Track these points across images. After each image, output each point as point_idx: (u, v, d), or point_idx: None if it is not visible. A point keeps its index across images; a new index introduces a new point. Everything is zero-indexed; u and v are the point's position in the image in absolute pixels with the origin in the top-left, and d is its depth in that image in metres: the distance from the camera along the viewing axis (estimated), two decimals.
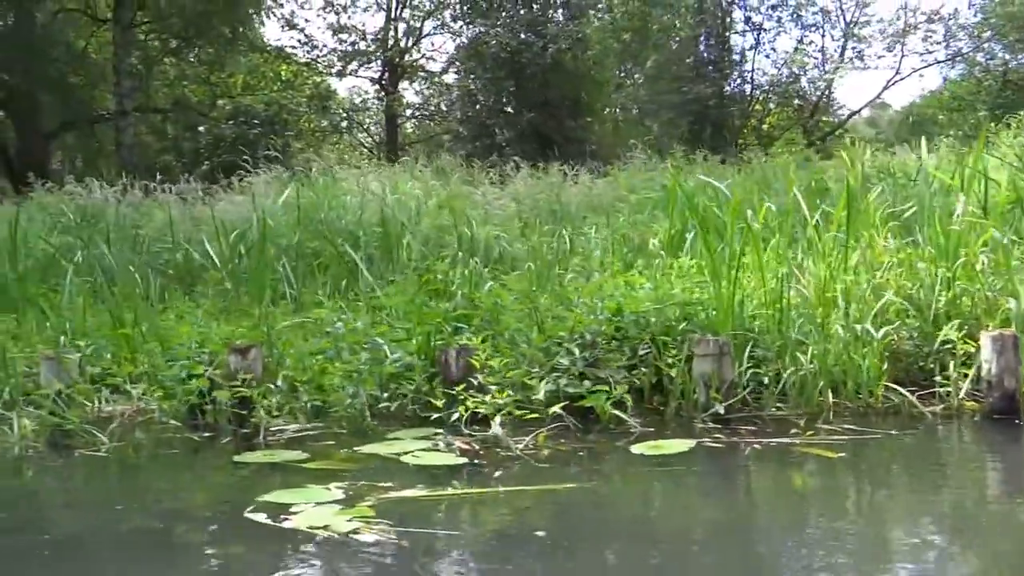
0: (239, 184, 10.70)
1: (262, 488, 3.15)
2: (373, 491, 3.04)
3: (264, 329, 4.81)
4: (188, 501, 3.52)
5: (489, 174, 10.79)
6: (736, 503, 3.35)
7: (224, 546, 2.80)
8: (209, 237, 8.05)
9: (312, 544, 2.67)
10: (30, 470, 4.07)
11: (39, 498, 3.77)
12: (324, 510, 2.84)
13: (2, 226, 9.16)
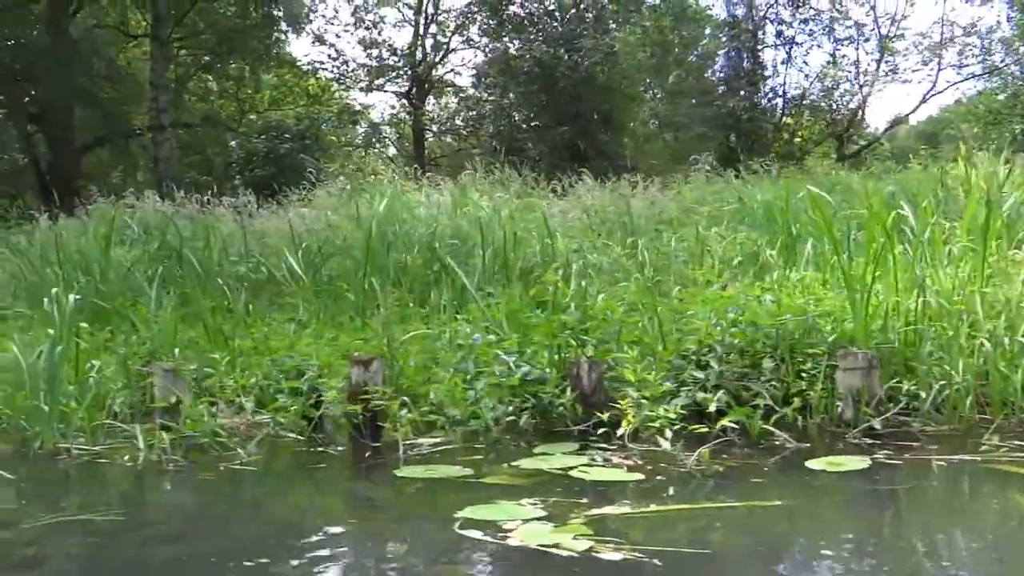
0: (298, 197, 10.68)
1: (449, 504, 3.05)
2: (574, 508, 2.92)
3: (383, 341, 4.71)
4: (378, 518, 3.39)
5: (549, 186, 10.73)
6: (960, 523, 3.12)
7: (469, 565, 2.67)
8: (284, 249, 8.02)
9: (565, 563, 2.51)
10: (187, 483, 3.97)
11: (213, 511, 3.66)
12: (537, 527, 2.72)
13: (71, 239, 9.28)
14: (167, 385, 4.68)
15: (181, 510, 3.67)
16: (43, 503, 3.74)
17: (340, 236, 8.31)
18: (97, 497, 3.85)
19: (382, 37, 29.02)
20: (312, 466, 4.02)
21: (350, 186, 10.04)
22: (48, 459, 4.20)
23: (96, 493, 3.95)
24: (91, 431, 4.43)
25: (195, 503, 3.75)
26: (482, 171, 11.43)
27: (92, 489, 4.02)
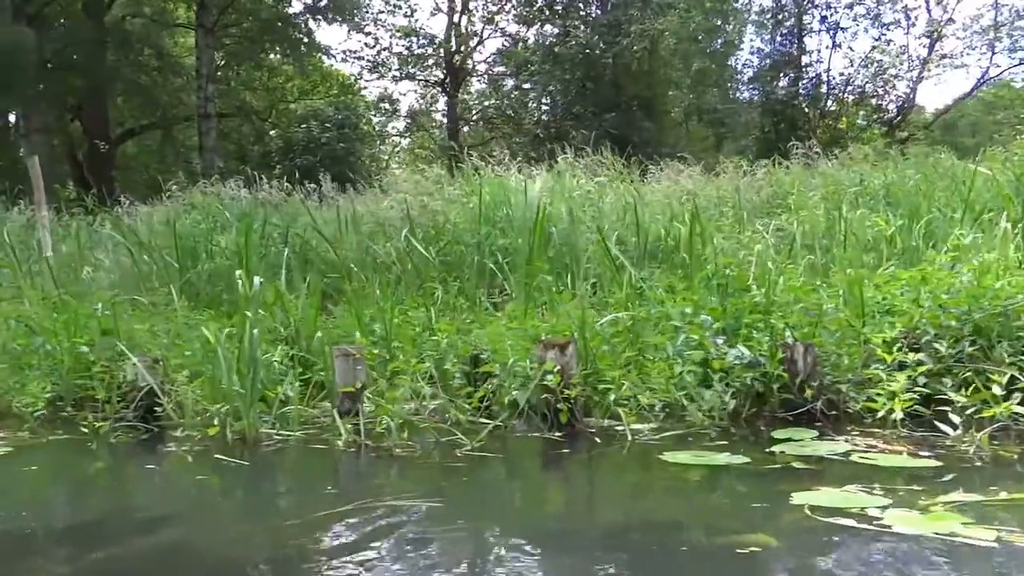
0: (380, 183, 10.50)
1: (774, 491, 2.88)
2: (917, 495, 2.74)
3: (574, 325, 4.53)
4: (718, 505, 3.17)
5: (629, 171, 10.51)
6: None
7: (891, 556, 2.40)
8: (393, 234, 7.87)
9: (986, 553, 2.30)
10: (439, 468, 3.75)
11: (515, 497, 3.50)
12: (903, 514, 2.53)
13: (160, 225, 9.14)
14: (349, 369, 4.52)
15: (485, 495, 3.46)
16: (321, 488, 3.65)
17: (446, 220, 8.16)
18: (369, 482, 3.69)
19: (418, 24, 28.78)
20: (553, 452, 3.84)
21: (445, 172, 9.77)
22: (254, 445, 4.06)
23: (363, 478, 3.79)
24: (285, 418, 4.28)
25: (483, 488, 3.55)
26: (520, 157, 11.18)
27: (349, 475, 3.87)
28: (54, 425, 4.97)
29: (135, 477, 4.09)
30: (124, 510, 3.44)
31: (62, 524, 3.25)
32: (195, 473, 3.85)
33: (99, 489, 3.88)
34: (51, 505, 3.63)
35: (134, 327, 5.66)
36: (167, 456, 4.15)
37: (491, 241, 7.58)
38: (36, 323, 5.85)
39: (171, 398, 4.63)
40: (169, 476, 3.95)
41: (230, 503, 3.56)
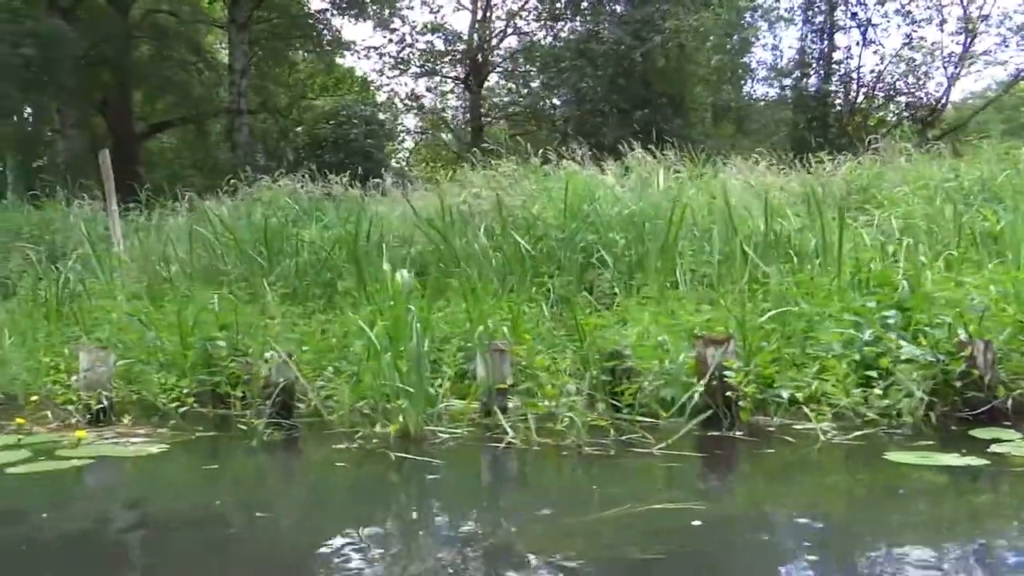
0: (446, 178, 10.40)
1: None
2: None
3: (736, 319, 4.43)
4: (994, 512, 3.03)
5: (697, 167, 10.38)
6: None
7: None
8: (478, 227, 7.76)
9: None
10: (656, 469, 3.63)
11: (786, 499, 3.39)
12: None
13: (234, 221, 9.04)
14: (500, 365, 4.43)
15: (755, 497, 3.36)
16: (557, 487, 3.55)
17: (532, 215, 8.05)
18: (601, 482, 3.54)
19: (443, 19, 28.67)
20: (756, 452, 3.74)
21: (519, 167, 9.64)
22: (420, 443, 3.96)
23: (586, 479, 3.64)
24: (447, 415, 4.19)
25: (744, 490, 3.43)
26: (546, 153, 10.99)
27: (566, 475, 3.72)
28: (186, 421, 4.89)
29: (341, 476, 3.84)
30: (402, 511, 3.29)
31: (333, 527, 3.03)
32: (397, 471, 3.74)
33: (337, 490, 3.71)
34: (283, 505, 3.48)
35: (242, 321, 5.56)
36: (343, 454, 3.97)
37: (580, 236, 7.48)
38: (147, 318, 5.75)
39: (317, 394, 4.53)
40: (378, 475, 3.79)
41: (495, 502, 3.40)
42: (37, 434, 4.50)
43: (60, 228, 10.19)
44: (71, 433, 4.42)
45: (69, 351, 5.92)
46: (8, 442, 4.23)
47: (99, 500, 3.64)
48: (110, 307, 6.87)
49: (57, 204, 10.95)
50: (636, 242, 7.19)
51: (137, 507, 3.50)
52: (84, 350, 5.07)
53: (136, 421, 4.89)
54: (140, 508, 3.49)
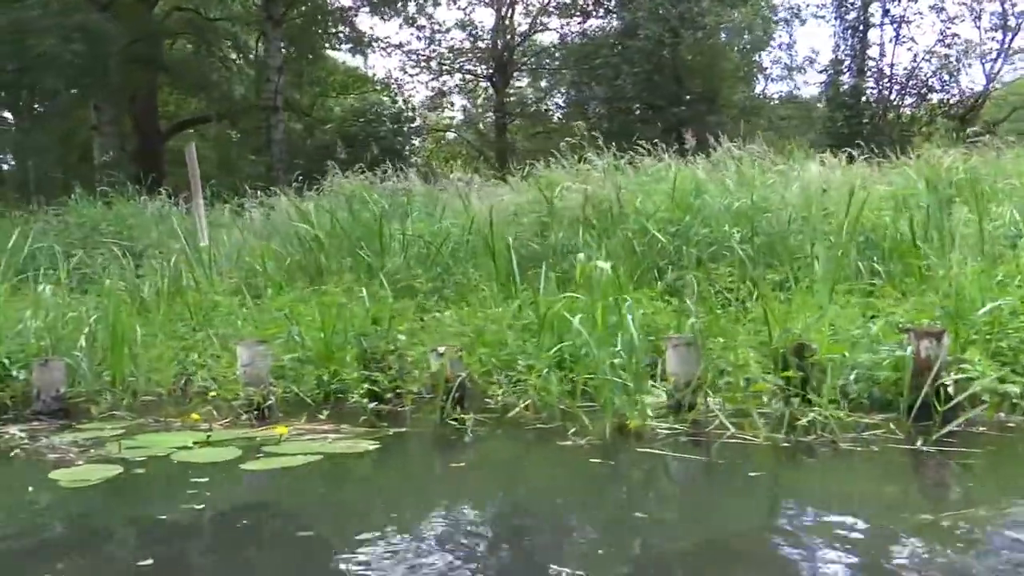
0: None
1: None
2: None
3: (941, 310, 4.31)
4: None
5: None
6: None
7: None
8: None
9: None
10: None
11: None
12: None
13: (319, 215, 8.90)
14: (688, 359, 4.30)
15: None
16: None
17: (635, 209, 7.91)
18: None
19: (469, 17, 28.56)
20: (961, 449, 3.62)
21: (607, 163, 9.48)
22: (640, 439, 3.83)
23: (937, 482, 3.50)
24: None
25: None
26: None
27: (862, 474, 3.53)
28: (345, 417, 4.75)
29: (635, 473, 3.69)
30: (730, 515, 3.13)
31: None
32: (672, 472, 3.61)
33: (661, 489, 3.56)
34: (632, 503, 3.31)
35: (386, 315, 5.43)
36: (583, 451, 3.80)
37: (694, 230, 7.36)
38: (292, 312, 5.62)
39: (504, 388, 4.41)
40: (651, 475, 3.64)
41: (871, 502, 3.18)
42: (214, 431, 4.37)
43: (135, 224, 10.05)
44: (248, 430, 4.30)
45: (204, 346, 5.81)
46: (197, 438, 4.09)
47: (398, 500, 3.40)
48: (223, 302, 6.75)
49: (124, 200, 10.80)
50: (754, 235, 7.08)
51: (458, 508, 3.30)
52: (244, 344, 4.94)
53: (286, 417, 4.77)
54: (463, 509, 3.30)
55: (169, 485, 3.56)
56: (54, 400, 5.21)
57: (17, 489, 3.63)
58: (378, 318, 5.33)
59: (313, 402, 4.97)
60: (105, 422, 4.81)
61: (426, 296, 6.49)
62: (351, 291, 6.03)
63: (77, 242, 9.51)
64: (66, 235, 9.72)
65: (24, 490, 3.53)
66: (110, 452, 3.91)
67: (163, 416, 4.83)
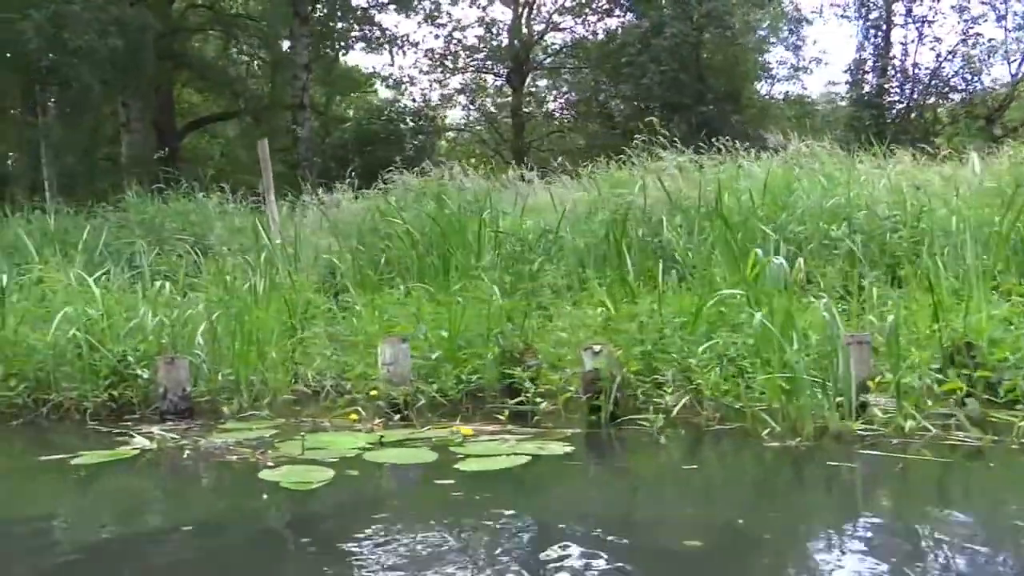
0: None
1: None
2: None
3: None
4: None
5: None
6: None
7: None
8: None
9: None
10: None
11: None
12: None
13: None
14: (858, 358, 4.19)
15: None
16: None
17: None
18: None
19: (488, 15, 28.44)
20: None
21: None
22: (849, 444, 3.72)
23: None
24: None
25: None
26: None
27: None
28: (486, 415, 4.65)
29: (884, 481, 3.57)
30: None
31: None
32: (940, 476, 3.49)
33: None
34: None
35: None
36: (797, 453, 3.71)
37: (790, 227, 7.26)
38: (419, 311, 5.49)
39: (678, 390, 4.29)
40: (920, 478, 3.52)
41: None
42: (374, 430, 4.25)
43: (197, 220, 9.91)
44: (413, 430, 4.18)
45: (321, 345, 5.68)
46: (369, 439, 3.97)
47: (673, 502, 3.30)
48: (318, 300, 6.63)
49: (180, 197, 10.64)
50: (853, 232, 6.98)
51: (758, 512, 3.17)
52: (388, 342, 4.82)
53: (422, 416, 4.65)
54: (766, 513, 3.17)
55: (421, 487, 3.40)
56: (181, 399, 5.08)
57: (243, 492, 3.49)
58: (512, 315, 5.20)
59: (448, 401, 4.86)
60: (244, 422, 4.69)
61: (556, 293, 6.30)
62: (464, 289, 5.92)
63: (143, 238, 9.37)
64: (128, 232, 9.56)
65: (252, 493, 3.39)
66: (289, 453, 3.78)
67: (307, 416, 4.71)
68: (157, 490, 3.84)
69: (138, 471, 3.96)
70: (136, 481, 3.91)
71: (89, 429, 4.81)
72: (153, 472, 4.01)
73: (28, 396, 5.21)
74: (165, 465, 4.05)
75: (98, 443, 4.30)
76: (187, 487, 3.89)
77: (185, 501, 3.64)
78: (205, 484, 3.89)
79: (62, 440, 4.64)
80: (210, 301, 5.89)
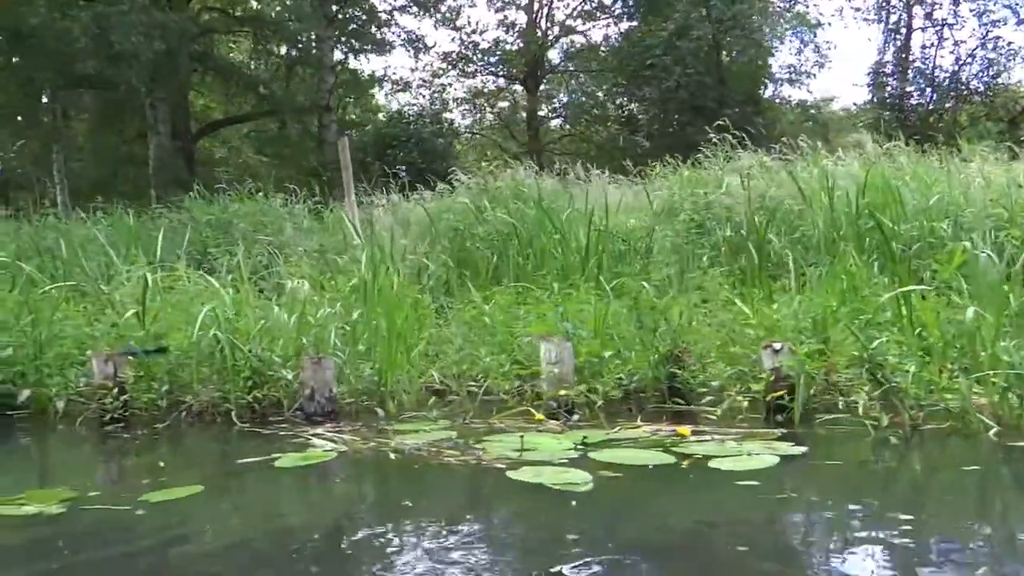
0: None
1: None
2: None
3: None
4: None
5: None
6: None
7: None
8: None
9: None
10: None
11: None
12: None
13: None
14: None
15: None
16: None
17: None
18: None
19: (507, 17, 28.39)
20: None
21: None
22: None
23: None
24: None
25: None
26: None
27: None
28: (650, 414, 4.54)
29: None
30: None
31: None
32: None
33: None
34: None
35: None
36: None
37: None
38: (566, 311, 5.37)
39: (868, 387, 4.19)
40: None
41: None
42: (564, 432, 4.13)
43: (266, 221, 9.77)
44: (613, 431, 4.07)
45: (455, 343, 5.57)
46: (574, 440, 3.85)
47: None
48: (424, 300, 6.52)
49: (244, 196, 10.50)
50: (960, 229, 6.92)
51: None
52: (552, 341, 4.71)
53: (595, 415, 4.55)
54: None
55: (722, 488, 3.24)
56: (328, 401, 4.95)
57: (517, 492, 3.26)
58: (666, 314, 5.09)
59: (606, 400, 4.75)
60: (408, 423, 4.56)
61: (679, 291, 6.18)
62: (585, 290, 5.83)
63: (212, 238, 9.24)
64: (197, 231, 9.40)
65: (526, 493, 3.20)
66: (503, 455, 3.65)
67: (475, 418, 4.59)
68: (412, 493, 3.39)
69: (362, 473, 3.78)
70: (375, 483, 3.71)
71: (242, 432, 4.66)
72: (381, 473, 3.78)
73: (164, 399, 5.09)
74: (382, 467, 3.80)
75: (269, 446, 4.16)
76: (441, 489, 3.49)
77: (468, 503, 3.35)
78: (461, 486, 3.51)
79: (228, 444, 4.50)
80: (342, 300, 5.75)
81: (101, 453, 4.52)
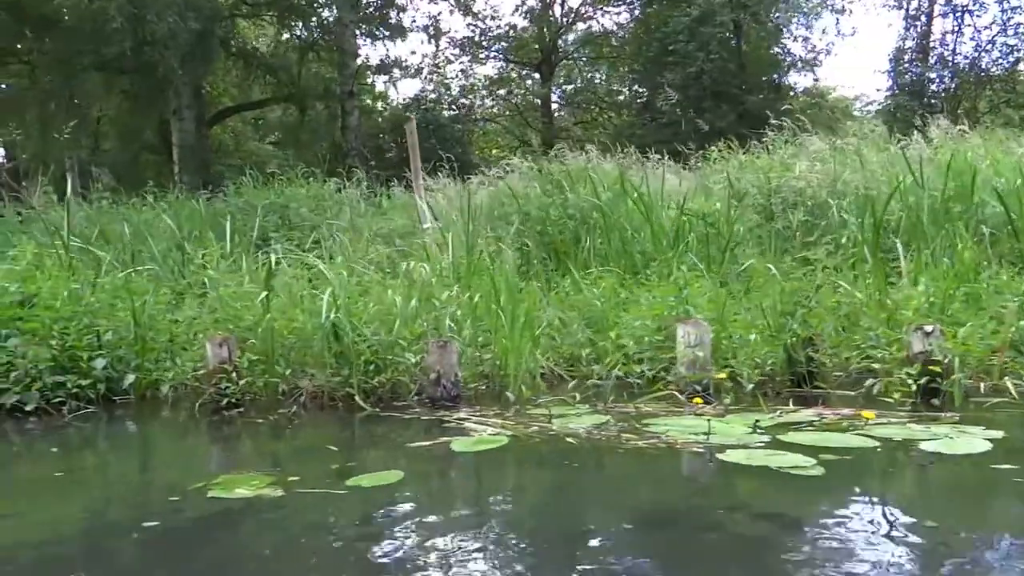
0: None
1: None
2: None
3: None
4: None
5: None
6: None
7: None
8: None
9: None
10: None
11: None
12: None
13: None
14: None
15: None
16: None
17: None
18: None
19: (527, 5, 28.14)
20: None
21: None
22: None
23: None
24: None
25: None
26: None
27: None
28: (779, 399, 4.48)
29: None
30: None
31: None
32: None
33: None
34: None
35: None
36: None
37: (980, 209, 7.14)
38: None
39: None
40: None
41: None
42: (721, 415, 4.06)
43: (322, 205, 9.67)
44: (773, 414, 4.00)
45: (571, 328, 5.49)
46: (746, 424, 3.77)
47: None
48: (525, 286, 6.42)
49: (302, 182, 10.38)
50: None
51: None
52: (691, 324, 4.64)
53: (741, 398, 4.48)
54: None
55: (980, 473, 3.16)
56: (453, 385, 4.86)
57: (754, 479, 3.15)
58: (799, 298, 5.02)
59: (736, 384, 4.68)
60: (541, 408, 4.48)
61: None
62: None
63: (272, 223, 9.12)
64: (252, 216, 9.27)
65: (761, 479, 3.10)
66: (690, 440, 3.57)
67: (615, 401, 4.51)
68: (637, 477, 3.27)
69: (559, 457, 3.57)
70: (589, 468, 3.47)
71: (370, 416, 4.57)
72: (579, 458, 3.56)
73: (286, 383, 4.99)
74: (575, 452, 3.61)
75: (407, 431, 4.09)
76: (664, 473, 3.33)
77: (710, 488, 3.19)
78: (678, 471, 3.36)
79: (367, 428, 4.40)
80: (447, 285, 5.66)
81: (251, 438, 4.36)
